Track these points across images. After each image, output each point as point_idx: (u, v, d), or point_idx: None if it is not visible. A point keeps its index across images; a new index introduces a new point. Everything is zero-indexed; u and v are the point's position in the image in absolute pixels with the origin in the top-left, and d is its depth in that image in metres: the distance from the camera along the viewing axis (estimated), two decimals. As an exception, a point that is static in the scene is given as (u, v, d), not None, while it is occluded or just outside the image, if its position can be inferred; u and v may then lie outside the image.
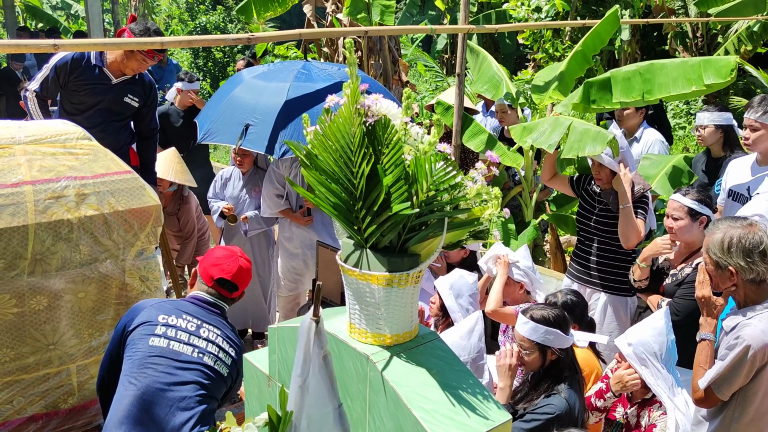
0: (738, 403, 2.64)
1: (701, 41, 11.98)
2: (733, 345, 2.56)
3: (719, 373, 2.58)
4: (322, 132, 1.98)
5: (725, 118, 4.54)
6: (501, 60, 14.47)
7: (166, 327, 2.60)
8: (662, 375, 2.98)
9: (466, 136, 5.22)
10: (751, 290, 2.62)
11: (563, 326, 2.95)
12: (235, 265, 2.78)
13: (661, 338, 2.99)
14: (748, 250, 2.56)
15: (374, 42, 6.52)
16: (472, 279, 3.67)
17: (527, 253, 3.88)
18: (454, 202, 1.91)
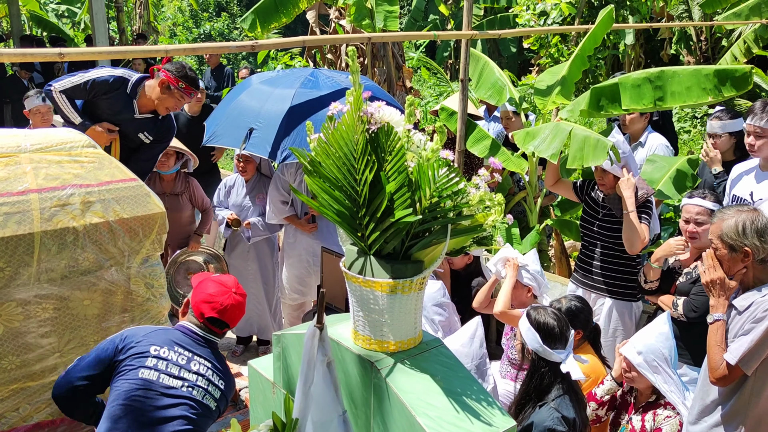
0: (758, 377, 2.69)
1: (705, 45, 11.97)
2: (762, 317, 2.63)
3: (750, 347, 2.63)
4: (326, 139, 1.99)
5: (738, 123, 4.52)
6: (504, 65, 14.49)
7: (158, 359, 2.56)
8: (674, 380, 3.00)
9: (470, 141, 5.21)
10: (759, 270, 2.73)
11: (546, 334, 2.92)
12: (227, 303, 2.70)
13: (669, 343, 3.02)
14: (762, 231, 2.68)
15: (378, 48, 6.53)
16: (435, 288, 3.64)
17: (536, 258, 3.87)
18: (458, 208, 1.91)
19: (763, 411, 2.71)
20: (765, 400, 2.69)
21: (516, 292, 3.74)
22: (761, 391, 2.69)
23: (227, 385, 2.65)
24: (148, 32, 12.95)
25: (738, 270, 2.74)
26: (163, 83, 4.12)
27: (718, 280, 2.77)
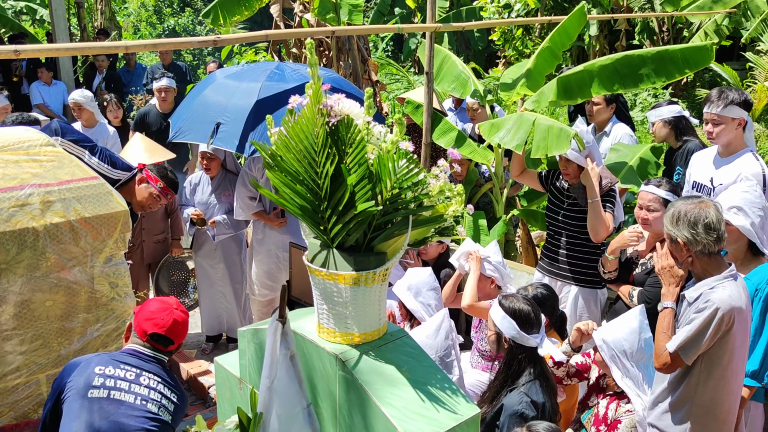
0: (704, 367, 2.74)
1: (667, 35, 12.16)
2: (702, 308, 2.67)
3: (688, 336, 2.68)
4: (286, 133, 1.99)
5: (672, 111, 4.63)
6: (472, 57, 14.54)
7: (104, 378, 2.52)
8: (630, 373, 3.04)
9: (436, 133, 5.24)
10: (706, 262, 2.74)
11: (522, 321, 2.97)
12: (169, 319, 2.67)
13: (632, 337, 3.05)
14: (693, 223, 2.69)
15: (343, 42, 6.51)
16: (427, 273, 3.68)
17: (497, 249, 3.91)
18: (418, 199, 1.92)
19: (708, 400, 2.76)
20: (711, 390, 2.74)
21: (480, 284, 3.78)
22: (707, 381, 2.74)
23: (180, 398, 2.62)
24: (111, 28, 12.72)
25: (683, 259, 2.77)
26: (150, 189, 4.11)
27: (668, 267, 2.82)
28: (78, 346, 3.23)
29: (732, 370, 2.74)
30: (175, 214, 5.25)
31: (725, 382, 2.74)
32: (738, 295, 2.69)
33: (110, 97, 6.85)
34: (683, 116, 4.66)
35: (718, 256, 2.76)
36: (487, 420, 2.97)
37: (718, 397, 2.75)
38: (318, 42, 6.82)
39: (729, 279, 2.72)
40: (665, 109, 4.60)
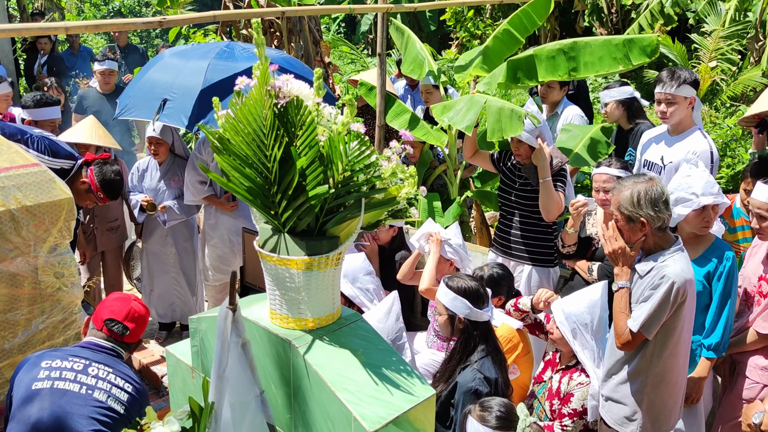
0: (659, 339, 2.83)
1: (616, 17, 12.34)
2: (658, 284, 2.75)
3: (649, 313, 2.76)
4: (234, 115, 1.93)
5: (624, 92, 4.70)
6: (424, 39, 14.52)
7: (50, 370, 2.49)
8: (589, 345, 3.11)
9: (389, 116, 5.21)
10: (659, 237, 2.84)
11: (474, 299, 3.01)
12: (126, 308, 2.69)
13: (594, 311, 3.13)
14: (655, 200, 2.77)
15: (294, 23, 6.41)
16: (361, 259, 3.68)
17: (458, 231, 3.93)
18: (371, 182, 1.89)
19: (663, 370, 2.86)
20: (665, 359, 2.84)
21: (439, 266, 3.79)
22: (662, 351, 2.83)
23: (136, 390, 2.58)
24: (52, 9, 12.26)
25: (637, 239, 2.84)
26: (84, 185, 3.97)
27: (620, 249, 2.87)
28: (22, 339, 3.12)
29: (683, 338, 2.86)
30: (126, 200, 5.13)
31: (677, 350, 2.86)
32: (688, 268, 2.80)
33: (50, 81, 6.62)
34: (635, 98, 4.74)
35: (668, 230, 2.85)
36: (442, 398, 2.99)
37: (671, 364, 2.87)
38: (269, 23, 6.70)
39: (678, 251, 2.81)
40: (618, 90, 4.66)
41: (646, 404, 2.90)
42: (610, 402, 2.99)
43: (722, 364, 3.49)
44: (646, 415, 2.91)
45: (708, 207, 3.13)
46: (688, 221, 3.17)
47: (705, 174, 3.15)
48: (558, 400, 3.16)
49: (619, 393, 2.94)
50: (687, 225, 3.19)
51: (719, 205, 3.16)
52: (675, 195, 3.10)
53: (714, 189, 3.13)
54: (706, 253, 3.19)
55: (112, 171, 4.03)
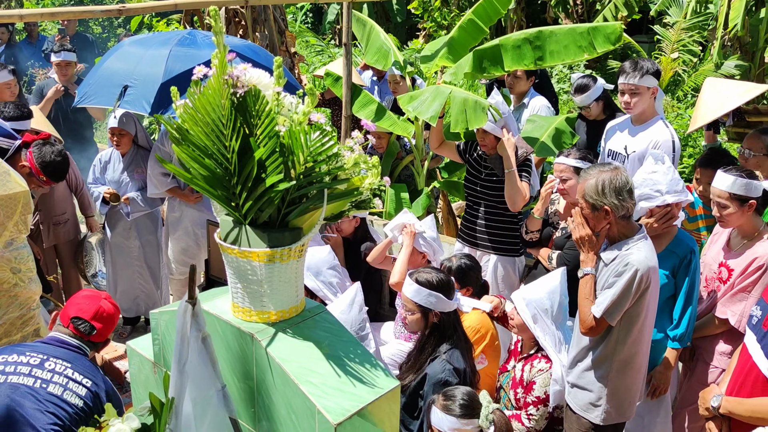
0: (623, 325, 2.88)
1: (581, 8, 12.46)
2: (622, 272, 2.80)
3: (612, 300, 2.81)
4: (192, 105, 1.89)
5: (599, 87, 4.75)
6: (392, 30, 14.47)
7: (5, 365, 2.44)
8: (550, 331, 3.15)
9: (356, 106, 5.18)
10: (623, 226, 2.88)
11: (446, 290, 3.01)
12: (94, 306, 2.63)
13: (554, 296, 3.17)
14: (619, 189, 2.81)
15: (258, 12, 6.33)
16: (325, 252, 3.64)
17: (433, 224, 3.91)
18: (333, 172, 1.87)
19: (627, 356, 2.92)
20: (629, 346, 2.90)
21: (412, 258, 3.78)
22: (626, 338, 2.88)
23: (96, 384, 2.52)
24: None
25: (602, 226, 2.88)
26: (25, 168, 3.84)
27: (586, 236, 2.91)
28: (-21, 336, 3.04)
29: (647, 324, 2.91)
30: (81, 193, 5.00)
31: (641, 336, 2.91)
32: (652, 255, 2.84)
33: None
34: (606, 90, 4.79)
35: (631, 219, 2.89)
36: (411, 389, 2.99)
37: (635, 350, 2.92)
38: (233, 13, 6.60)
39: (642, 240, 2.86)
40: (594, 90, 4.70)
41: (610, 390, 2.95)
42: (576, 389, 3.03)
43: (684, 350, 3.55)
44: (611, 401, 2.96)
45: (673, 205, 3.16)
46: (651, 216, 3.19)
47: (671, 171, 3.17)
48: (522, 388, 3.19)
49: (585, 379, 2.99)
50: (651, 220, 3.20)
51: (681, 203, 3.20)
52: (640, 190, 3.12)
53: (679, 186, 3.15)
54: (670, 246, 3.22)
55: (52, 152, 3.90)
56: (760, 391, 2.57)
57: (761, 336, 2.59)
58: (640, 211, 3.15)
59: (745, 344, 2.71)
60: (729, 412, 2.67)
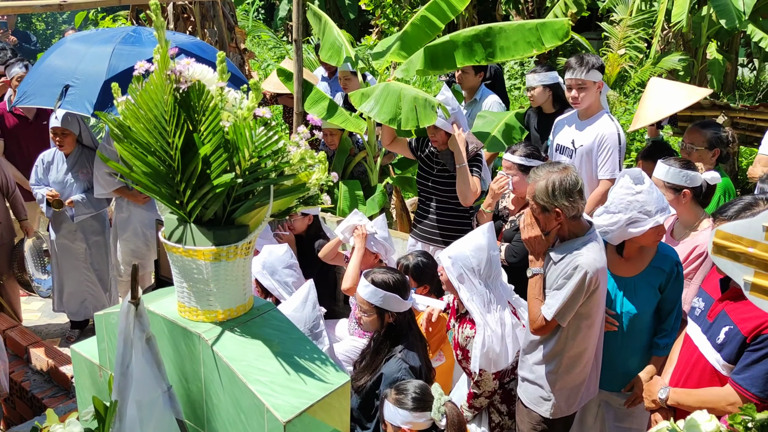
0: (573, 323, 2.90)
1: (532, 5, 12.64)
2: (571, 274, 2.80)
3: (563, 303, 2.81)
4: (134, 101, 1.85)
5: (552, 77, 4.81)
6: (345, 26, 14.44)
7: None
8: (477, 290, 3.08)
9: (307, 103, 5.15)
10: (573, 225, 2.88)
11: (402, 291, 3.01)
12: None
13: (480, 254, 3.09)
14: (569, 191, 2.80)
15: (207, 9, 6.23)
16: (282, 251, 3.60)
17: (384, 223, 3.90)
18: (279, 168, 1.85)
19: (576, 352, 2.95)
20: (579, 343, 2.92)
21: (364, 259, 3.76)
22: (575, 335, 2.91)
23: None
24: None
25: (553, 227, 2.89)
26: None
27: (536, 237, 2.92)
28: None
29: (596, 322, 2.93)
30: (13, 196, 4.82)
31: (591, 333, 2.93)
32: (601, 256, 2.83)
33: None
34: (560, 83, 4.85)
35: (582, 218, 2.90)
36: (367, 389, 2.99)
37: (585, 346, 2.95)
38: (181, 9, 6.48)
39: (592, 240, 2.85)
40: (545, 74, 4.74)
41: (559, 385, 2.98)
42: (527, 383, 3.06)
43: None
44: (560, 395, 2.99)
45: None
46: (644, 238, 2.99)
47: (654, 188, 2.97)
48: (461, 351, 3.19)
49: (535, 374, 3.01)
50: (640, 240, 3.03)
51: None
52: (626, 214, 2.92)
53: (664, 203, 2.98)
54: (655, 263, 3.09)
55: None
56: (708, 381, 2.61)
57: (707, 327, 2.64)
58: (629, 236, 2.96)
59: (689, 335, 2.77)
60: (677, 404, 2.70)
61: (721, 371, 2.54)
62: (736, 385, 2.46)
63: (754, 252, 1.32)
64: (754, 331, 2.42)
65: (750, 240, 1.31)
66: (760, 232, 1.29)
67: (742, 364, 2.46)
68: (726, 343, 2.51)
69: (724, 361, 2.52)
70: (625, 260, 3.06)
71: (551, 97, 4.77)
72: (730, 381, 2.49)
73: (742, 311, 2.46)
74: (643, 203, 2.89)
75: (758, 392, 2.40)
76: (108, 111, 4.05)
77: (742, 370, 2.45)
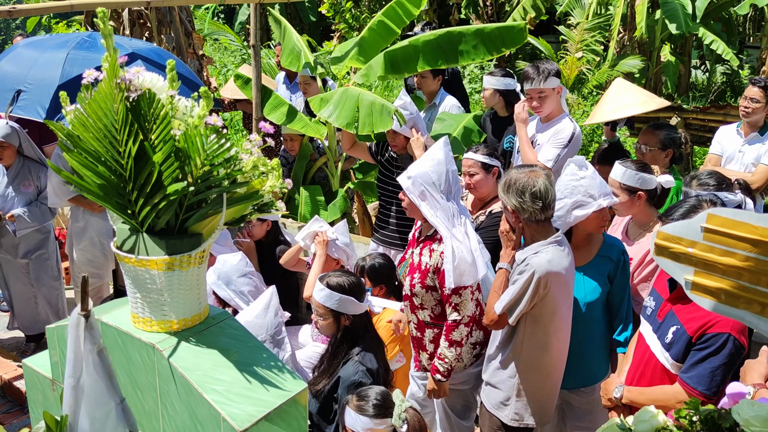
0: (527, 326, 2.92)
1: (491, 9, 12.79)
2: (522, 271, 2.83)
3: (511, 298, 2.84)
4: (83, 110, 1.83)
5: (505, 83, 4.86)
6: (306, 30, 14.41)
7: None
8: (441, 205, 3.07)
9: (266, 108, 5.13)
10: (534, 229, 2.88)
11: (357, 293, 3.02)
12: None
13: (439, 168, 3.08)
14: (521, 191, 2.80)
15: (163, 14, 6.16)
16: (236, 259, 3.57)
17: (345, 229, 3.90)
18: (231, 176, 1.85)
19: (532, 356, 2.95)
20: (534, 347, 2.94)
21: (326, 266, 3.75)
22: (530, 338, 2.93)
23: None
24: None
25: (515, 225, 2.91)
26: None
27: (505, 231, 2.95)
28: None
29: (554, 327, 2.92)
30: None
31: (547, 339, 2.92)
32: (557, 261, 2.81)
33: None
34: (514, 90, 4.89)
35: (546, 224, 2.88)
36: (325, 392, 2.98)
37: (542, 354, 2.94)
38: (137, 14, 6.40)
39: (553, 245, 2.84)
40: (499, 79, 4.79)
41: (517, 391, 2.98)
42: (489, 386, 3.08)
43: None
44: (519, 402, 2.99)
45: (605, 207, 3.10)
46: (587, 224, 3.10)
47: (597, 176, 3.09)
48: (419, 273, 3.15)
49: (496, 378, 3.03)
50: (585, 227, 3.13)
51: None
52: (571, 198, 3.03)
53: (607, 189, 3.10)
54: (602, 252, 3.18)
55: None
56: (659, 379, 2.67)
57: (657, 326, 2.70)
58: (574, 220, 3.06)
59: (642, 334, 2.82)
60: (631, 402, 2.74)
61: (671, 370, 2.60)
62: (684, 384, 2.52)
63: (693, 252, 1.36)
64: (698, 330, 2.48)
65: (689, 240, 1.35)
66: (699, 232, 1.34)
67: (688, 363, 2.52)
68: (674, 343, 2.57)
69: (672, 360, 2.58)
70: (575, 249, 3.09)
71: (502, 101, 4.82)
72: (679, 379, 2.56)
73: (688, 311, 2.52)
74: (587, 187, 2.99)
75: (704, 390, 2.46)
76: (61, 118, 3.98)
77: (689, 369, 2.51)
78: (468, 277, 3.02)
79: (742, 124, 4.77)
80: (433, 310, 3.20)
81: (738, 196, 3.09)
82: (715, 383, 2.46)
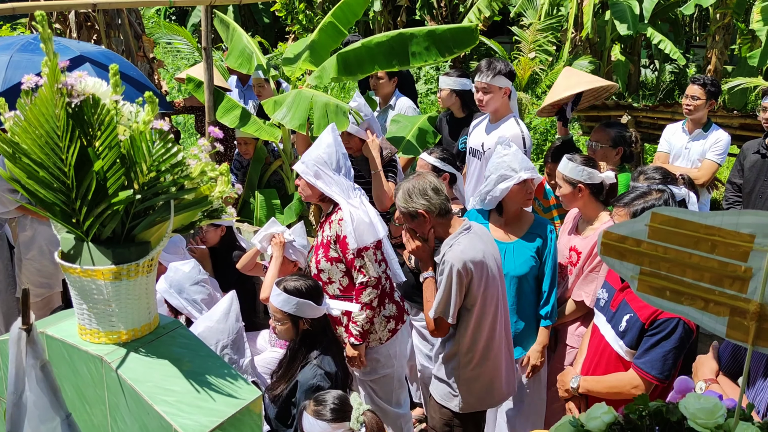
0: (461, 320, 3.03)
1: (446, 11, 12.87)
2: (443, 270, 2.94)
3: (440, 299, 2.94)
4: (23, 117, 1.77)
5: (461, 83, 4.90)
6: (260, 32, 14.28)
7: None
8: (335, 180, 3.29)
9: (219, 112, 5.06)
10: (444, 224, 3.03)
11: (315, 296, 3.00)
12: None
13: (329, 149, 3.31)
14: (423, 190, 2.96)
15: (111, 17, 6.03)
16: (190, 266, 3.52)
17: (303, 231, 3.87)
18: (179, 182, 1.81)
19: (471, 346, 3.04)
20: (467, 335, 3.03)
21: (283, 268, 3.72)
22: (465, 330, 3.02)
23: None
24: None
25: (427, 230, 3.01)
26: None
27: (415, 248, 3.04)
28: None
29: (483, 313, 3.01)
30: None
31: (477, 325, 3.01)
32: (470, 247, 2.93)
33: None
34: (470, 90, 4.92)
35: (450, 216, 3.02)
36: (283, 397, 2.96)
37: (475, 339, 3.03)
38: (84, 17, 6.24)
39: (463, 234, 2.97)
40: (455, 80, 4.83)
41: (462, 381, 3.07)
42: (437, 380, 3.17)
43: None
44: (466, 391, 3.08)
45: (528, 181, 3.32)
46: (513, 197, 3.31)
47: (519, 153, 3.37)
48: (322, 249, 3.31)
49: (442, 371, 3.12)
50: (512, 201, 3.34)
51: (534, 180, 3.38)
52: (496, 173, 3.28)
53: (530, 165, 3.36)
54: (531, 229, 3.41)
55: None
56: (614, 367, 2.77)
57: (610, 316, 2.79)
58: (501, 195, 3.29)
59: (596, 325, 2.91)
60: (587, 391, 2.84)
61: (625, 357, 2.70)
62: (638, 369, 2.61)
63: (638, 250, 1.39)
64: (650, 317, 2.58)
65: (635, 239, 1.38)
66: (644, 231, 1.36)
67: (642, 349, 2.62)
68: (627, 330, 2.66)
69: (626, 347, 2.67)
70: (506, 225, 3.36)
71: (459, 101, 4.86)
72: (633, 365, 2.65)
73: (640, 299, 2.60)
74: (509, 162, 3.27)
75: (658, 374, 2.56)
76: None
77: (642, 354, 2.61)
78: (368, 235, 3.22)
79: (687, 122, 4.91)
80: (341, 283, 3.33)
81: (682, 190, 3.21)
82: (667, 367, 2.56)
